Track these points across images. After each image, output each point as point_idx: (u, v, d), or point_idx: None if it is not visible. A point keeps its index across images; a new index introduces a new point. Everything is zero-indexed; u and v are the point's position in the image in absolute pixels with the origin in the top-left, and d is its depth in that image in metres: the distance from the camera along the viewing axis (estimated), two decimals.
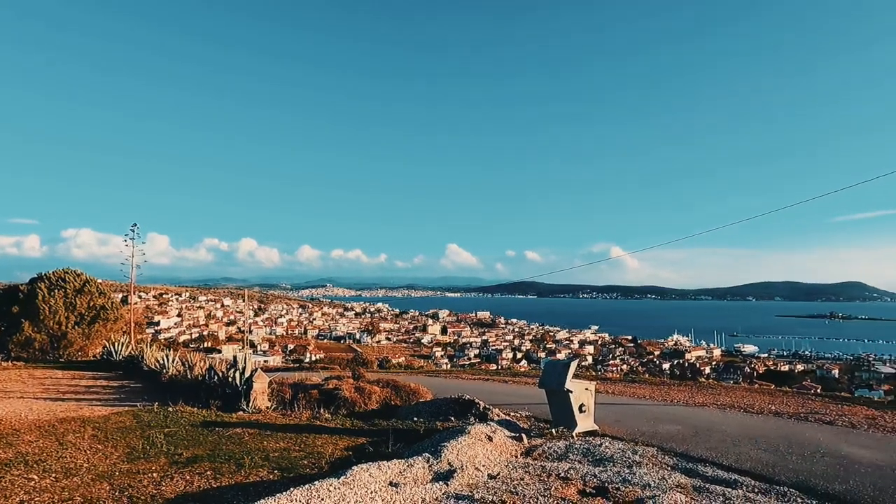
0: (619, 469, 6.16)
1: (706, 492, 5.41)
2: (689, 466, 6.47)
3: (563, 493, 5.22)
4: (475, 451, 6.42)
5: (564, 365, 8.34)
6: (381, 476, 5.23)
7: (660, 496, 5.10)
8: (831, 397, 14.88)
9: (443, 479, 5.48)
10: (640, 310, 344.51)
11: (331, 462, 6.35)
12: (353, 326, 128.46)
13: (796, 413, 11.02)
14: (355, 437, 7.95)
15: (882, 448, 7.67)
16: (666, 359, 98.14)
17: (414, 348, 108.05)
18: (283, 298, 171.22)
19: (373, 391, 11.63)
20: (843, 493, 5.54)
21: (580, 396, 8.21)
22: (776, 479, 5.97)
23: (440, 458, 5.97)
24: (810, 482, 5.88)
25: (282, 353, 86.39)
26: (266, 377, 11.36)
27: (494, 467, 6.13)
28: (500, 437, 7.27)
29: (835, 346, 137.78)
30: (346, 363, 31.76)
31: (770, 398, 13.63)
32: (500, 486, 5.40)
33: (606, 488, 5.43)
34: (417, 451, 6.55)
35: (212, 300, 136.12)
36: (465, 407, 9.79)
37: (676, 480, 5.76)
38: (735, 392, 15.32)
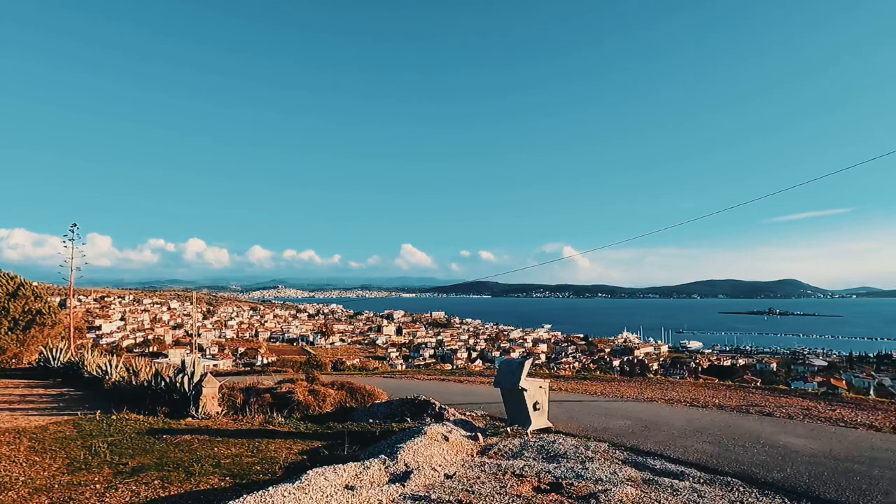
0: (572, 465, 6.29)
1: (655, 484, 5.58)
2: (639, 460, 6.67)
3: (518, 490, 5.29)
4: (431, 452, 6.43)
5: (519, 364, 8.45)
6: (337, 479, 5.18)
7: (611, 490, 5.23)
8: (770, 390, 15.62)
9: (399, 480, 5.47)
10: (591, 308, 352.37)
11: (285, 467, 6.23)
12: (307, 328, 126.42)
13: (738, 406, 11.53)
14: (310, 440, 7.83)
15: (816, 437, 8.11)
16: (616, 356, 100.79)
17: (369, 349, 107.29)
18: (234, 300, 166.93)
19: (327, 394, 11.49)
20: (781, 480, 5.83)
21: (534, 394, 8.34)
22: (720, 470, 6.22)
23: (396, 460, 5.95)
24: (751, 471, 6.15)
25: (232, 357, 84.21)
26: (216, 382, 11.05)
27: (451, 467, 6.15)
28: (457, 437, 7.30)
29: (773, 340, 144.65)
30: (299, 366, 31.28)
31: (714, 392, 14.19)
32: (457, 486, 5.43)
33: (560, 484, 5.54)
34: (373, 453, 6.51)
35: (158, 303, 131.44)
36: (420, 407, 9.80)
37: (627, 474, 5.92)
38: (681, 387, 15.89)
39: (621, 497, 5.04)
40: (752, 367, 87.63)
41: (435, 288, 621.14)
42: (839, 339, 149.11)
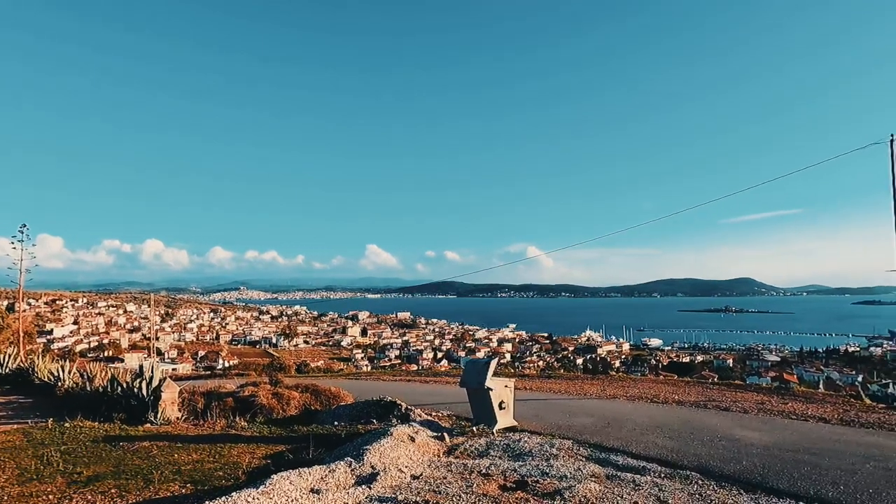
0: (537, 463, 6.36)
1: (618, 479, 5.70)
2: (602, 456, 6.80)
3: (484, 490, 5.32)
4: (398, 453, 6.42)
5: (484, 364, 8.51)
6: (302, 483, 5.12)
7: (575, 486, 5.32)
8: (727, 385, 16.13)
9: (366, 482, 5.44)
10: (555, 307, 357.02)
11: (248, 472, 6.12)
12: (270, 330, 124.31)
13: (696, 401, 11.87)
14: (274, 444, 7.71)
15: (769, 430, 8.43)
16: (580, 354, 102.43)
17: (333, 351, 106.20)
18: (194, 303, 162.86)
19: (291, 396, 11.33)
20: (738, 472, 6.03)
21: (500, 394, 8.41)
22: (680, 464, 6.40)
23: (362, 462, 5.92)
24: (709, 465, 6.35)
25: (192, 361, 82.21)
26: (176, 386, 10.77)
27: (417, 468, 6.15)
28: (423, 438, 7.30)
29: (729, 337, 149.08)
30: (262, 368, 30.77)
31: (674, 388, 14.57)
32: (424, 486, 5.43)
33: (526, 482, 5.60)
34: (339, 455, 6.46)
35: (113, 306, 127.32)
36: (386, 409, 9.76)
37: (591, 470, 6.03)
38: (643, 384, 16.26)
39: (585, 493, 5.13)
40: (709, 363, 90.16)
41: (400, 288, 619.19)
42: (791, 336, 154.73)
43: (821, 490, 5.39)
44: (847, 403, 11.80)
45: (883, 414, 10.31)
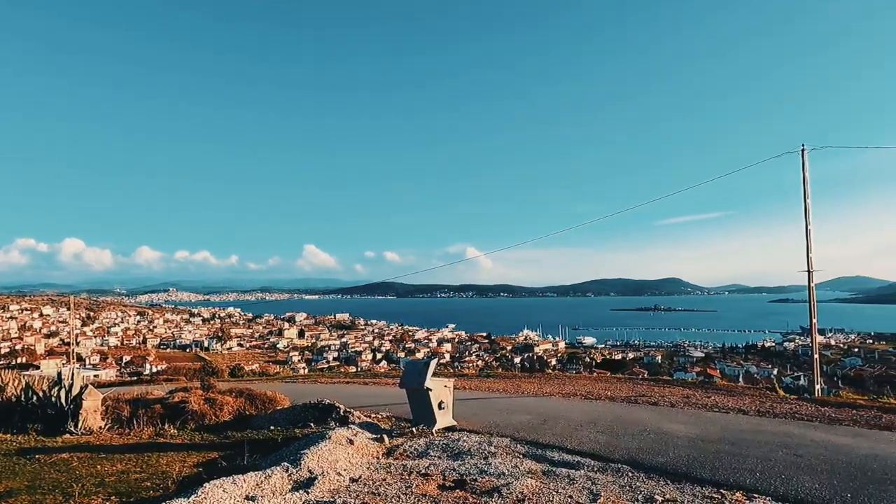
0: (476, 461, 6.45)
1: (553, 475, 5.86)
2: (538, 453, 6.97)
3: (423, 490, 5.35)
4: (336, 456, 6.34)
5: (424, 364, 8.53)
6: (237, 491, 4.97)
7: (513, 483, 5.43)
8: (655, 381, 16.89)
9: (303, 487, 5.35)
10: (493, 307, 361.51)
11: (179, 481, 5.88)
12: (201, 333, 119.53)
13: (627, 397, 12.36)
14: (206, 451, 7.44)
15: (694, 423, 8.90)
16: (517, 353, 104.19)
17: (269, 354, 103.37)
18: (118, 305, 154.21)
19: (225, 401, 10.97)
20: (665, 464, 6.34)
21: (439, 394, 8.46)
22: (612, 458, 6.65)
23: (300, 466, 5.81)
24: (639, 457, 6.64)
25: (117, 366, 77.97)
26: (99, 394, 10.21)
27: (356, 470, 6.10)
28: (362, 440, 7.25)
29: (658, 335, 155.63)
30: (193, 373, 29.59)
31: (606, 385, 15.11)
32: (363, 489, 5.40)
33: (465, 481, 5.66)
34: (275, 460, 6.31)
35: (27, 309, 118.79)
36: (325, 412, 9.62)
37: (528, 467, 6.18)
38: (577, 381, 16.76)
39: (522, 489, 5.24)
40: (640, 359, 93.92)
41: (339, 289, 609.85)
42: (714, 332, 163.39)
43: (739, 477, 5.74)
44: (763, 395, 12.62)
45: (794, 404, 11.09)
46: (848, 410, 10.18)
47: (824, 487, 5.37)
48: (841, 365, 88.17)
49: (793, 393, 13.85)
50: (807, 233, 13.78)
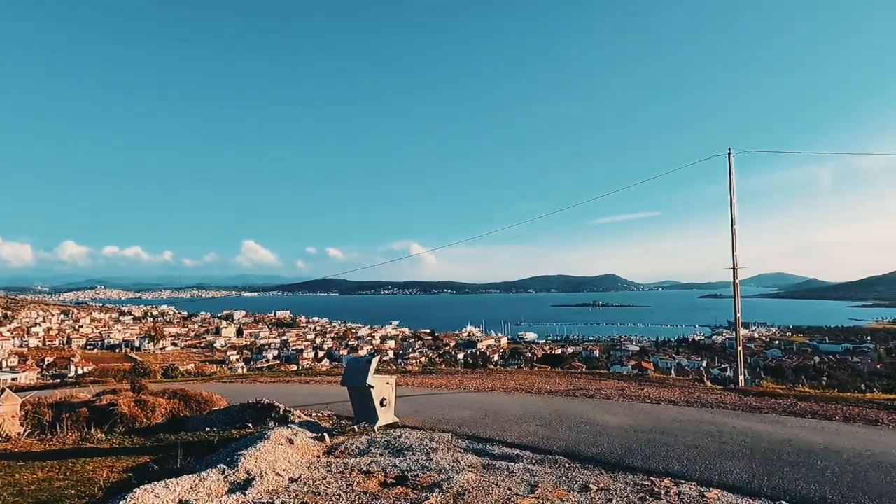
0: (417, 457, 6.49)
1: (493, 468, 5.98)
2: (479, 447, 7.08)
3: (364, 487, 5.34)
4: (275, 456, 6.23)
5: (366, 361, 8.49)
6: (169, 495, 4.81)
7: (454, 477, 5.50)
8: (593, 374, 17.43)
9: (240, 489, 5.23)
10: (437, 304, 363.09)
11: (106, 488, 5.62)
12: (132, 333, 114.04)
13: (566, 390, 12.71)
14: (137, 456, 7.15)
15: (628, 414, 9.26)
16: (461, 349, 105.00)
17: (206, 353, 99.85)
18: (40, 304, 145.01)
19: (157, 403, 10.54)
20: (600, 454, 6.58)
21: (381, 391, 8.45)
22: (550, 450, 6.84)
23: (237, 468, 5.67)
24: (576, 449, 6.85)
25: (38, 369, 73.37)
26: (17, 398, 9.60)
27: (296, 470, 6.02)
28: (302, 439, 7.15)
29: (596, 330, 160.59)
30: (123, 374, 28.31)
31: (546, 379, 15.46)
32: (302, 489, 5.33)
33: (406, 476, 5.69)
34: (211, 462, 6.14)
35: None
36: (264, 412, 9.41)
37: (468, 461, 6.27)
38: (518, 376, 17.09)
39: (462, 483, 5.32)
40: (579, 354, 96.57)
41: (279, 286, 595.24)
42: (648, 327, 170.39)
43: (668, 465, 6.03)
44: (692, 387, 13.27)
45: (720, 395, 11.72)
46: (767, 399, 10.85)
47: (744, 471, 5.72)
48: (763, 356, 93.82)
49: (719, 384, 14.62)
50: (732, 232, 14.54)
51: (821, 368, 77.78)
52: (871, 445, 6.73)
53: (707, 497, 4.96)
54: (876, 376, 66.73)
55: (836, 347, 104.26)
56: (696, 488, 5.22)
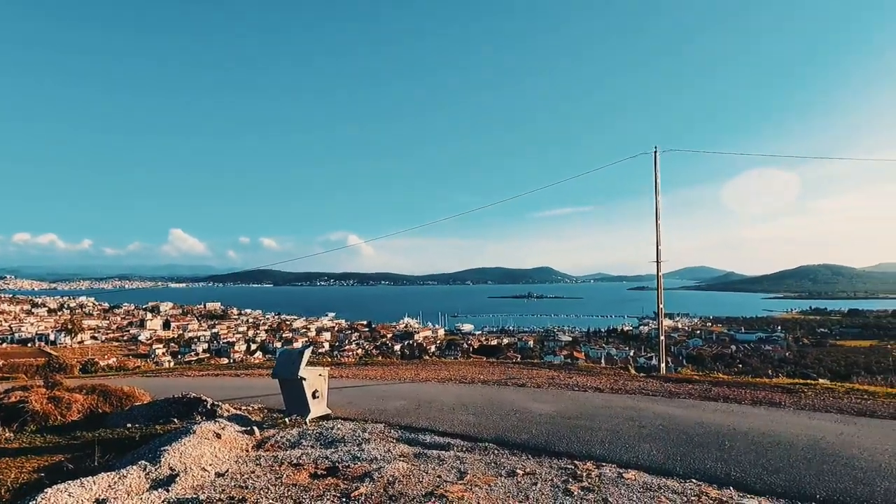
0: (349, 448, 6.49)
1: (424, 457, 6.07)
2: (411, 437, 7.16)
3: (294, 479, 5.30)
4: (201, 451, 6.06)
5: (298, 353, 8.38)
6: (84, 494, 4.60)
7: (385, 467, 5.55)
8: (526, 364, 17.87)
9: (163, 485, 5.07)
10: (375, 295, 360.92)
11: (14, 489, 5.30)
12: (47, 326, 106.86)
13: (499, 380, 12.99)
14: (50, 455, 6.76)
15: (556, 402, 9.59)
16: (398, 341, 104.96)
17: (129, 347, 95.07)
18: None
19: (73, 399, 9.98)
20: (527, 440, 6.80)
21: (314, 383, 8.36)
22: (480, 438, 7.01)
23: (159, 464, 5.49)
24: (505, 436, 7.05)
25: None
26: None
27: (223, 465, 5.89)
28: (230, 433, 6.98)
29: (531, 321, 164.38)
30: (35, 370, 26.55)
31: (480, 369, 15.74)
32: (229, 483, 5.23)
33: (337, 468, 5.69)
34: (132, 459, 5.90)
35: None
36: (190, 406, 9.11)
37: (400, 451, 6.33)
38: (453, 366, 17.29)
39: (393, 472, 5.38)
40: (514, 345, 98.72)
41: (210, 277, 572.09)
42: (580, 318, 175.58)
43: (591, 449, 6.32)
44: (618, 375, 13.87)
45: (643, 382, 12.32)
46: (685, 385, 11.51)
47: (660, 453, 6.07)
48: (686, 346, 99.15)
49: (643, 371, 15.37)
50: (657, 227, 15.27)
51: (737, 356, 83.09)
52: (773, 426, 7.29)
53: (625, 477, 5.24)
54: (784, 363, 72.01)
55: (751, 337, 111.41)
56: (615, 469, 5.51)
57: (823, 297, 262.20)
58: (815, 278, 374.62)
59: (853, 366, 60.75)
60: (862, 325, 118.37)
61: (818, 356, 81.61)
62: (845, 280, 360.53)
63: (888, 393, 9.83)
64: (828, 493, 4.81)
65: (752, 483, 5.08)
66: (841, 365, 66.05)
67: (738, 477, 5.24)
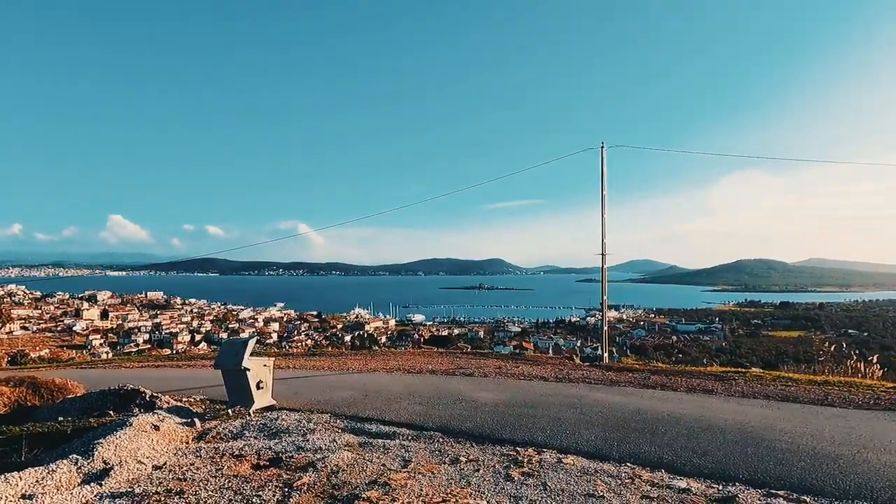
0: (294, 438, 6.43)
1: (370, 446, 6.09)
2: (357, 426, 7.16)
3: (235, 471, 5.22)
4: (138, 444, 5.89)
5: (242, 343, 8.22)
6: (9, 490, 4.40)
7: (329, 457, 5.54)
8: (475, 354, 18.09)
9: (96, 479, 4.90)
10: (325, 285, 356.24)
11: None
12: None
13: (447, 370, 13.11)
14: None
15: (502, 390, 9.77)
16: (348, 331, 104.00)
17: (63, 338, 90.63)
18: None
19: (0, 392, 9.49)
20: (472, 428, 6.91)
21: (258, 373, 8.23)
22: (426, 426, 7.08)
23: (92, 458, 5.30)
24: (450, 424, 7.14)
25: None
26: None
27: (161, 457, 5.74)
28: (170, 425, 6.80)
29: (482, 312, 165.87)
30: None
31: (429, 359, 15.84)
32: (167, 476, 5.11)
33: (280, 458, 5.63)
34: (63, 454, 5.67)
35: None
36: (127, 398, 8.81)
37: (345, 440, 6.32)
38: (402, 356, 17.33)
39: (337, 462, 5.38)
40: (465, 335, 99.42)
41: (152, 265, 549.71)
42: (530, 309, 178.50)
43: (533, 436, 6.48)
44: (563, 364, 14.23)
45: (587, 371, 12.69)
46: (626, 374, 11.93)
47: (598, 439, 6.30)
48: (630, 336, 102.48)
49: (588, 361, 15.82)
50: (602, 221, 15.68)
51: (677, 346, 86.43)
52: (705, 412, 7.67)
53: (564, 463, 5.41)
54: (721, 352, 75.45)
55: (691, 327, 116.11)
56: (555, 455, 5.68)
57: (758, 290, 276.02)
58: (751, 272, 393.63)
59: (783, 355, 64.25)
60: (792, 317, 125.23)
61: (752, 346, 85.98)
62: (778, 274, 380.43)
63: (810, 380, 10.49)
64: (750, 473, 5.11)
65: (682, 466, 5.35)
66: (772, 354, 69.69)
67: (670, 460, 5.50)
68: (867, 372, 11.88)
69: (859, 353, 13.91)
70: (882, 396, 8.79)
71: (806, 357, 48.66)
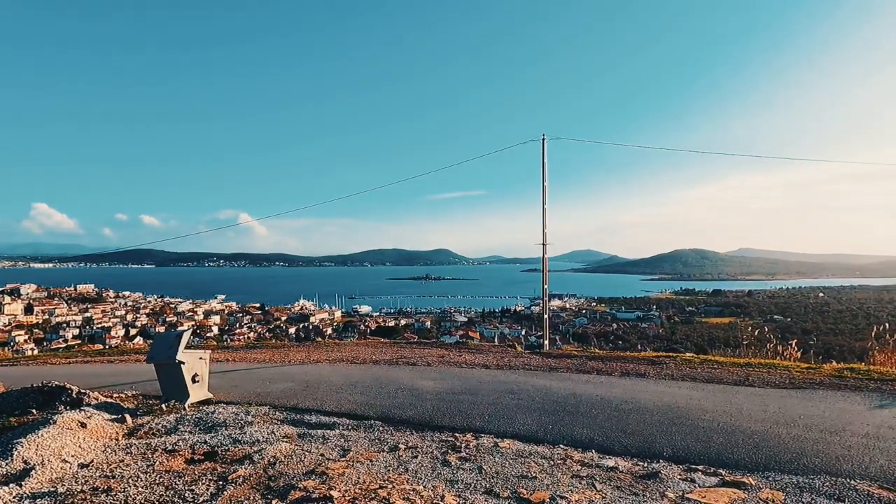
0: (230, 432, 6.33)
1: (309, 437, 6.07)
2: (296, 418, 7.11)
3: (168, 466, 5.10)
4: (62, 442, 5.65)
5: (176, 336, 8.00)
6: None
7: (266, 448, 5.49)
8: (420, 344, 18.16)
9: (15, 479, 4.68)
10: (268, 277, 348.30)
11: None
12: None
13: (390, 360, 13.13)
14: None
15: (443, 379, 9.89)
16: (292, 323, 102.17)
17: None
18: None
19: None
20: (413, 416, 6.99)
21: (193, 367, 8.03)
22: (366, 416, 7.11)
23: (11, 458, 5.05)
24: (391, 413, 7.20)
25: None
26: None
27: (88, 455, 5.53)
28: (98, 422, 6.55)
29: (429, 302, 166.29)
30: None
31: (373, 350, 15.81)
32: (94, 474, 4.93)
33: (216, 452, 5.54)
34: None
35: None
36: (52, 395, 8.39)
37: (284, 432, 6.27)
38: (346, 347, 17.22)
39: (274, 453, 5.34)
40: (411, 325, 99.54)
41: (81, 257, 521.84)
42: (476, 298, 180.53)
43: (472, 422, 6.63)
44: (505, 352, 14.51)
45: (528, 358, 12.99)
46: (565, 360, 12.30)
47: (534, 423, 6.50)
48: (572, 324, 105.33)
49: (531, 349, 16.19)
50: (543, 211, 16.02)
51: (617, 333, 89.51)
52: (636, 395, 8.03)
53: (500, 447, 5.56)
54: (658, 339, 78.74)
55: (630, 315, 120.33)
56: (492, 440, 5.83)
57: (693, 278, 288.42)
58: (686, 262, 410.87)
59: (714, 340, 67.59)
60: (723, 304, 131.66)
61: (686, 332, 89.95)
62: (711, 263, 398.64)
63: (734, 362, 11.14)
64: (674, 450, 5.41)
65: (612, 445, 5.61)
66: (704, 339, 73.22)
67: (601, 441, 5.75)
68: (785, 354, 12.71)
69: (781, 337, 14.81)
70: (797, 377, 9.44)
71: (734, 342, 51.37)
